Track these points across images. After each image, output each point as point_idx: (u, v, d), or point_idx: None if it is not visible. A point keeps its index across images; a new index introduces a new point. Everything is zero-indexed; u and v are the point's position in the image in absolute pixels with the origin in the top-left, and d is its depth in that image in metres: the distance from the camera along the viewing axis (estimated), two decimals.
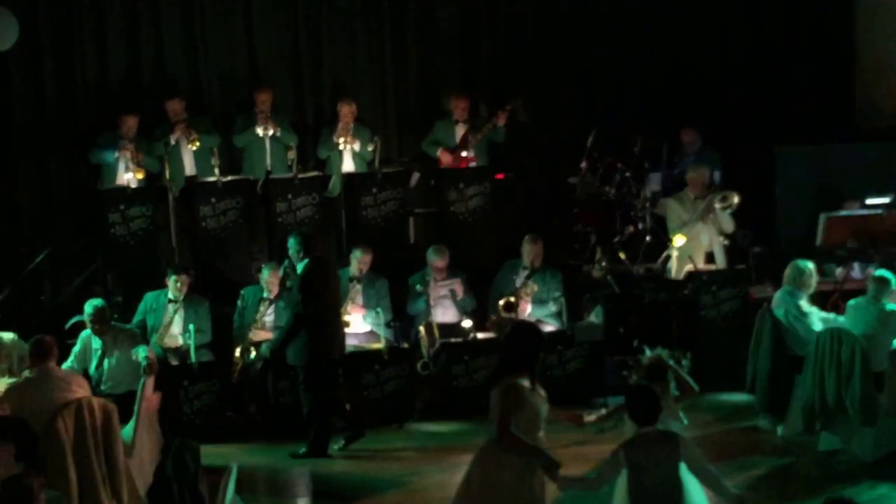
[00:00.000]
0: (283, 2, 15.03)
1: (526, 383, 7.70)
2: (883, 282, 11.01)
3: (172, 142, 13.80)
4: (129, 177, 13.43)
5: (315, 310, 11.42)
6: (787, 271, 11.44)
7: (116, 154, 13.59)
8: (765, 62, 16.12)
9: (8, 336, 11.25)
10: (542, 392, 7.82)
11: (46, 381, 9.32)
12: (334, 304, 11.79)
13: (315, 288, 11.47)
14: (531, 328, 8.39)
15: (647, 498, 7.51)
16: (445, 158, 14.37)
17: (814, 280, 11.46)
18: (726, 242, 13.45)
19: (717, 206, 13.05)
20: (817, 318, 11.29)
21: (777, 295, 11.52)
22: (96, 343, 11.19)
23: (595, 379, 12.58)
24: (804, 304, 11.33)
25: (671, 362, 8.44)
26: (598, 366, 12.60)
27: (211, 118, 14.30)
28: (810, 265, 11.42)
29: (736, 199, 13.00)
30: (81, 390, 9.38)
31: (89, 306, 11.24)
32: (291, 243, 11.61)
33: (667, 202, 13.67)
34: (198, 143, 13.70)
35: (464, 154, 14.31)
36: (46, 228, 14.01)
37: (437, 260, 12.99)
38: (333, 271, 11.98)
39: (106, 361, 11.14)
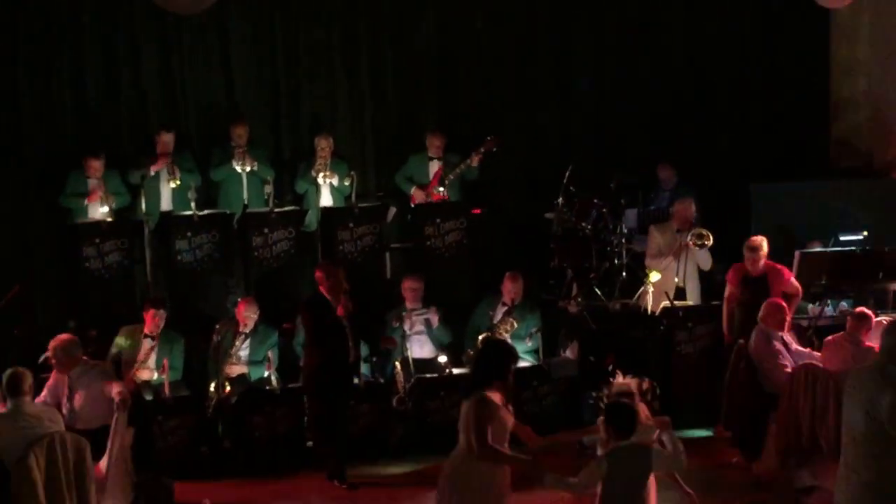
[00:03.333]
0: (262, 36, 15.03)
1: (497, 398, 7.88)
2: (862, 318, 11.04)
3: (151, 173, 13.76)
4: (104, 210, 13.40)
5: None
6: (762, 309, 11.49)
7: (86, 202, 13.55)
8: (741, 100, 16.22)
9: None
10: (511, 408, 8.01)
11: (19, 416, 9.25)
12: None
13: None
14: (501, 344, 8.64)
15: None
16: (418, 196, 14.39)
17: (788, 317, 11.53)
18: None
19: (691, 243, 13.07)
20: (792, 355, 11.32)
21: (753, 332, 11.55)
22: (68, 377, 11.09)
23: (571, 414, 12.59)
24: (777, 342, 11.36)
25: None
26: (574, 401, 12.62)
27: (193, 156, 14.26)
28: (783, 304, 11.50)
29: (709, 238, 13.02)
30: (54, 425, 9.32)
31: (53, 342, 11.11)
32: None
33: (650, 229, 13.70)
34: (178, 182, 13.66)
35: (436, 191, 14.33)
36: (21, 261, 13.93)
37: (409, 282, 13.03)
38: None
39: (76, 396, 11.05)
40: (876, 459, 7.51)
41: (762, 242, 12.30)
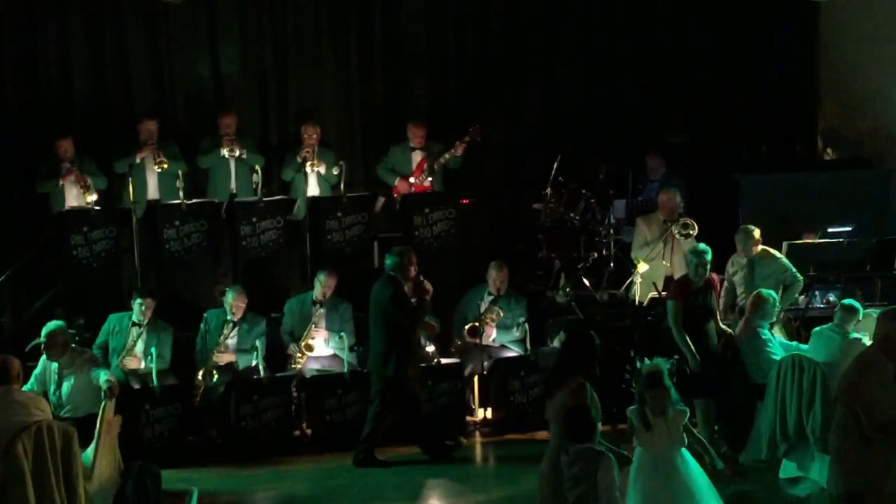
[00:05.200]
0: (250, 24, 15.02)
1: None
2: (850, 310, 11.02)
3: (137, 160, 13.74)
4: (81, 193, 13.37)
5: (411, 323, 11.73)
6: (750, 300, 11.51)
7: (61, 182, 13.54)
8: (729, 91, 16.22)
9: None
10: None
11: (7, 403, 9.24)
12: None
13: (407, 301, 11.69)
14: (587, 336, 8.60)
15: None
16: (403, 186, 14.40)
17: (776, 309, 11.54)
18: None
19: (676, 234, 13.08)
20: (779, 346, 11.35)
21: (740, 323, 11.58)
22: (55, 365, 11.11)
23: None
24: (765, 332, 11.39)
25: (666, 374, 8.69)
26: None
27: (178, 144, 14.24)
28: (773, 294, 11.51)
29: (694, 228, 13.03)
30: (42, 413, 9.31)
31: (44, 330, 11.15)
32: (395, 261, 11.75)
33: (637, 220, 13.71)
34: (165, 166, 13.65)
35: (419, 181, 14.33)
36: (7, 250, 13.90)
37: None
38: None
39: (64, 384, 11.06)
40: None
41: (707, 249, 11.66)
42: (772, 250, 12.48)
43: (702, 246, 11.55)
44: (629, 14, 15.95)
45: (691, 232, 13.00)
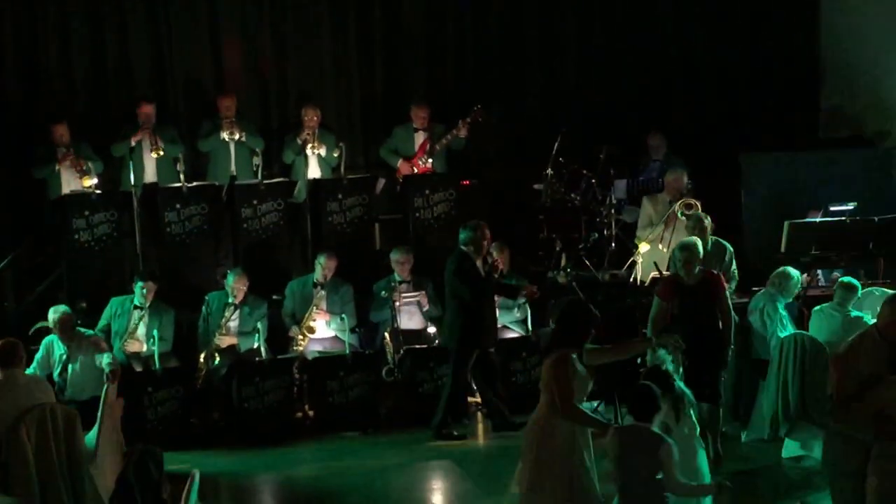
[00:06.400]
0: (249, 7, 15.00)
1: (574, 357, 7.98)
2: (849, 288, 11.04)
3: (133, 143, 13.72)
4: (73, 182, 13.37)
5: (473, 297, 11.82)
6: (774, 274, 11.46)
7: (57, 167, 13.52)
8: (730, 69, 16.17)
9: None
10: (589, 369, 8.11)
11: (11, 386, 9.25)
12: (490, 295, 12.06)
13: (472, 276, 11.79)
14: (583, 307, 8.55)
15: (632, 495, 7.73)
16: (405, 168, 14.37)
17: (797, 290, 11.50)
18: None
19: (679, 213, 13.03)
20: (788, 325, 11.31)
21: (756, 296, 11.52)
22: (59, 349, 11.14)
23: None
24: (780, 307, 11.35)
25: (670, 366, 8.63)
26: None
27: (176, 128, 14.22)
28: (797, 275, 11.46)
29: (698, 208, 12.97)
30: (45, 396, 9.33)
31: (54, 312, 11.19)
32: (468, 235, 11.87)
33: (643, 200, 13.68)
34: (161, 153, 13.63)
35: (422, 163, 14.31)
36: (9, 234, 13.89)
37: (399, 256, 13.05)
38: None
39: (70, 368, 11.08)
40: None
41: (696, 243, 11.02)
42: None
43: (690, 240, 10.91)
44: None
45: (694, 212, 12.94)
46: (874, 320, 8.42)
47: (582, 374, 7.96)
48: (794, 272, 11.47)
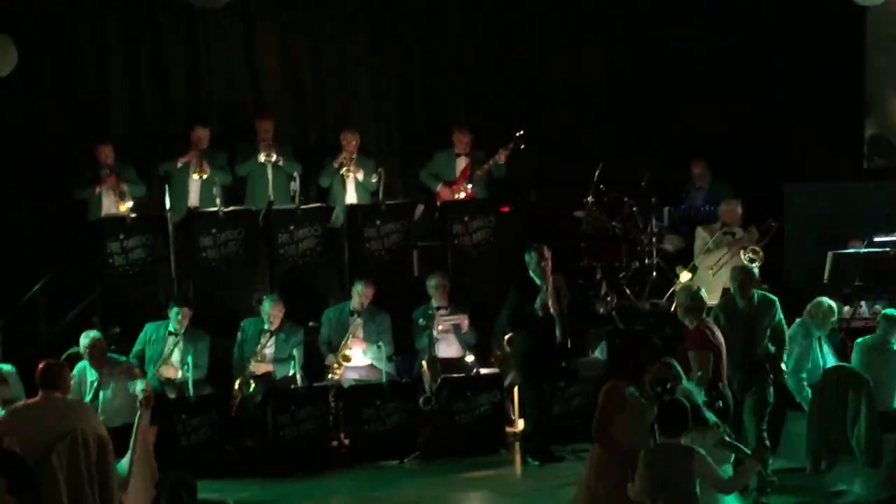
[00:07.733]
0: (288, 30, 14.96)
1: (631, 389, 8.07)
2: (893, 320, 10.89)
3: (179, 164, 13.68)
4: (117, 201, 13.33)
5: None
6: (811, 305, 11.29)
7: (98, 189, 13.48)
8: (774, 98, 16.03)
9: (6, 368, 11.15)
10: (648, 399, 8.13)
11: (45, 410, 9.14)
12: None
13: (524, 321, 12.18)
14: (641, 338, 8.81)
15: None
16: (445, 194, 14.26)
17: (833, 320, 11.33)
18: None
19: (745, 259, 12.70)
20: (830, 357, 11.15)
21: (791, 328, 11.34)
22: (91, 375, 11.04)
23: None
24: (814, 340, 11.18)
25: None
26: None
27: (227, 156, 14.16)
28: (834, 306, 11.29)
29: (761, 260, 12.71)
30: (83, 421, 9.16)
31: (85, 338, 11.09)
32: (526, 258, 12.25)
33: (697, 230, 13.54)
34: (205, 175, 13.57)
35: (464, 188, 14.20)
36: (44, 258, 13.84)
37: (435, 281, 12.95)
38: None
39: (101, 394, 10.99)
40: None
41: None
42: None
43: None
44: (670, 16, 15.76)
45: (758, 258, 12.69)
46: None
47: (638, 404, 8.00)
48: (829, 303, 11.29)
